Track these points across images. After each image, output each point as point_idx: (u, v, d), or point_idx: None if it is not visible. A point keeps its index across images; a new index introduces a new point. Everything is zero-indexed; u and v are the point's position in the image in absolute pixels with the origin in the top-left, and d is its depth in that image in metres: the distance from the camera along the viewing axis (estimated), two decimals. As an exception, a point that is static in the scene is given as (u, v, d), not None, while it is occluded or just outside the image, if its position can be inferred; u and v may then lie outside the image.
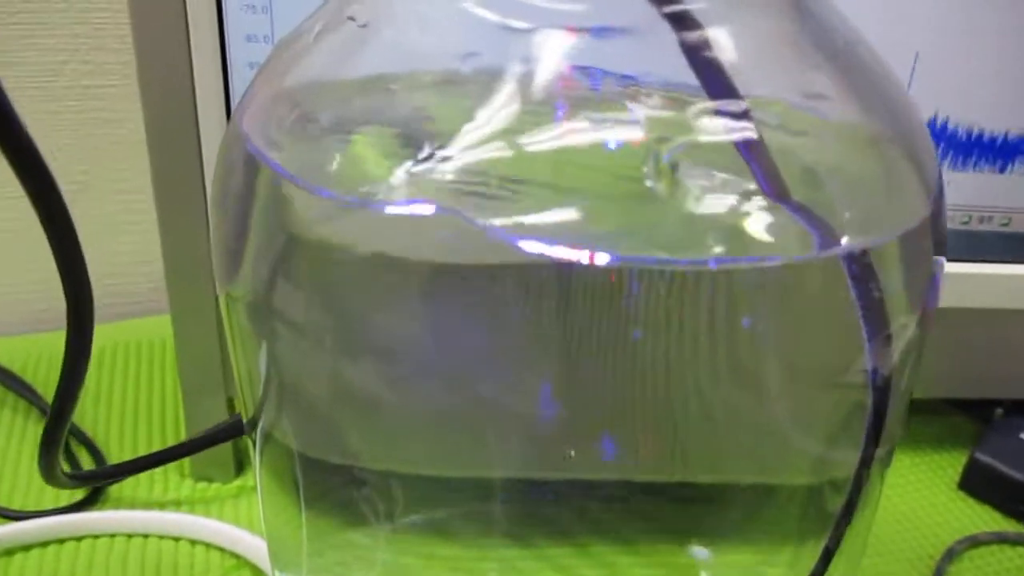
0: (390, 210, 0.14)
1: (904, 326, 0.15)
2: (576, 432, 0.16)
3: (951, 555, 0.33)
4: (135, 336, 0.42)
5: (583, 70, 0.15)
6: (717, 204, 0.14)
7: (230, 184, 0.16)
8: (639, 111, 0.14)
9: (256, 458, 0.21)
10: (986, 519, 0.36)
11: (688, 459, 0.16)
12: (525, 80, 0.15)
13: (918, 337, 0.15)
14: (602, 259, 0.13)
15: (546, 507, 0.18)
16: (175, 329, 0.32)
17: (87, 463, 0.34)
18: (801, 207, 0.14)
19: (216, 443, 0.30)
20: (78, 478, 0.27)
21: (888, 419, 0.16)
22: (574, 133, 0.15)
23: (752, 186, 0.14)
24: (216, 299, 0.32)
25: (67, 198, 0.17)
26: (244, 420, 0.21)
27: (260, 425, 0.20)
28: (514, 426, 0.16)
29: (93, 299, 0.18)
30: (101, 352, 0.41)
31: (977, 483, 0.36)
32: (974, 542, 0.34)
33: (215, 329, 0.32)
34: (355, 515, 0.19)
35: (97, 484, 0.32)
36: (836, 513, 0.17)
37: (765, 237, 0.14)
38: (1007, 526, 0.36)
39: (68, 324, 0.18)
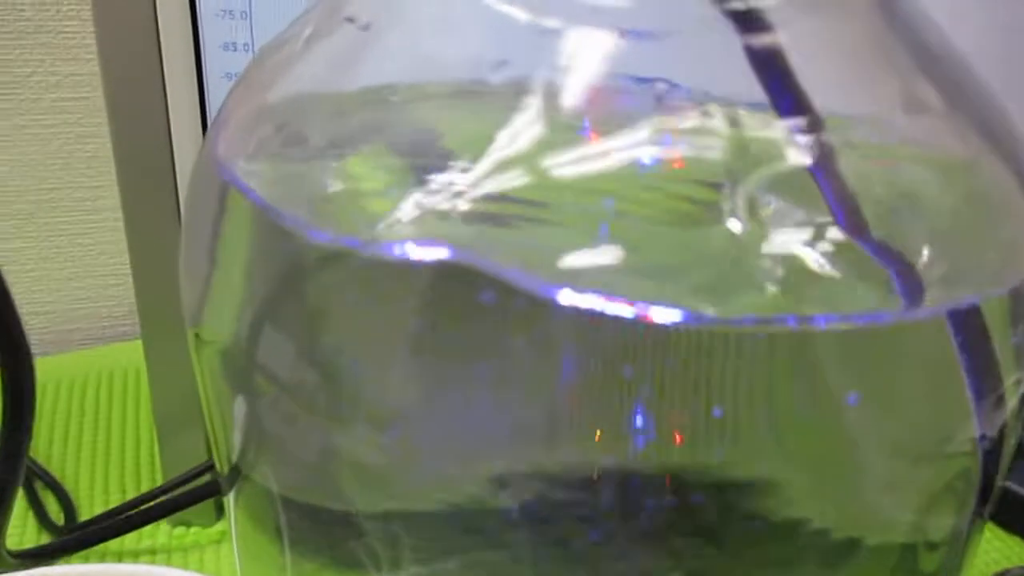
0: (396, 252, 0.12)
1: (1017, 383, 0.13)
2: (630, 497, 0.14)
3: (986, 593, 0.31)
4: (107, 364, 0.40)
5: (625, 80, 0.12)
6: (790, 245, 0.12)
7: (203, 215, 0.14)
8: (695, 131, 0.12)
9: (230, 501, 0.18)
10: (1019, 552, 0.34)
11: (760, 522, 0.14)
12: (556, 92, 0.12)
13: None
14: (666, 317, 0.11)
15: (573, 561, 0.16)
16: (148, 361, 0.30)
17: (55, 511, 0.32)
18: (889, 250, 0.12)
19: (200, 499, 0.27)
20: (25, 556, 0.24)
21: (996, 479, 0.14)
22: (614, 156, 0.13)
23: (830, 225, 0.12)
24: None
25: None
26: (216, 463, 0.19)
27: (235, 475, 0.17)
28: (541, 504, 0.14)
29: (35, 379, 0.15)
30: (71, 383, 0.38)
31: (1008, 515, 0.34)
32: (1007, 577, 0.32)
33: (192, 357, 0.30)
34: (352, 565, 0.17)
35: (51, 560, 0.29)
36: (929, 571, 0.15)
37: (852, 288, 0.12)
38: None
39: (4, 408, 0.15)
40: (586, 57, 0.12)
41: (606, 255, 0.12)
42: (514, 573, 0.16)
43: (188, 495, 0.27)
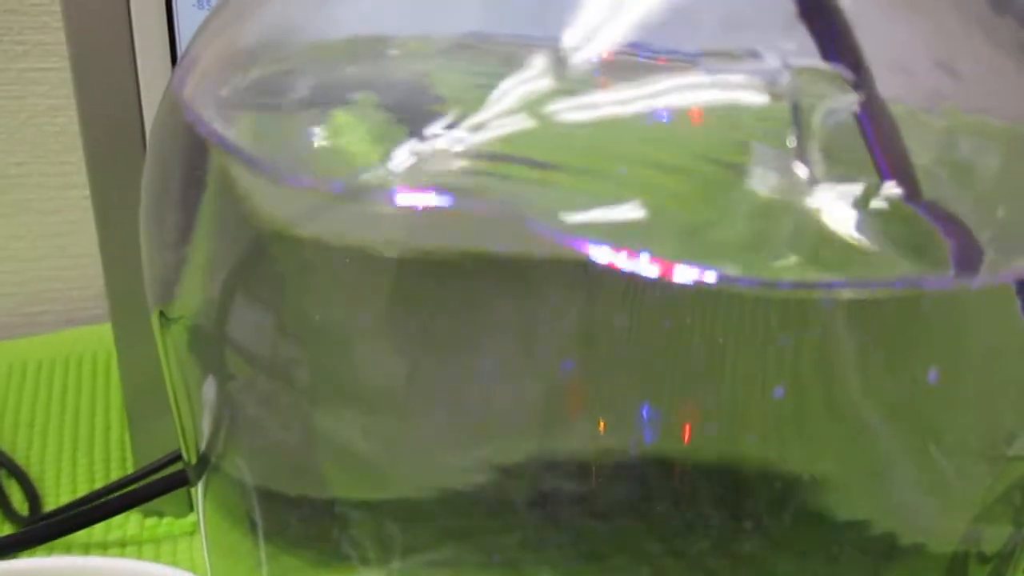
0: (396, 200, 0.10)
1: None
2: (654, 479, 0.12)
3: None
4: (76, 348, 0.38)
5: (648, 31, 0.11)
6: (836, 205, 0.10)
7: (167, 170, 0.12)
8: (723, 74, 0.11)
9: (199, 493, 0.17)
10: None
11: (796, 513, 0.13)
12: (570, 42, 0.11)
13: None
14: (701, 277, 0.10)
15: (570, 547, 0.14)
16: (118, 344, 0.28)
17: (19, 501, 0.30)
18: (943, 213, 0.11)
19: (172, 488, 0.26)
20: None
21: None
22: (628, 103, 0.11)
23: (879, 186, 0.10)
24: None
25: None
26: (184, 455, 0.17)
27: (205, 465, 0.16)
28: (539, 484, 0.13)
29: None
30: (38, 367, 0.37)
31: None
32: None
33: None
34: (336, 559, 0.15)
35: (14, 553, 0.27)
36: None
37: (902, 254, 0.10)
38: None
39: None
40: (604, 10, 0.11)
41: (620, 210, 0.10)
42: (510, 563, 0.15)
43: (159, 484, 0.25)
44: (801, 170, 0.10)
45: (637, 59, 0.11)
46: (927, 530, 0.13)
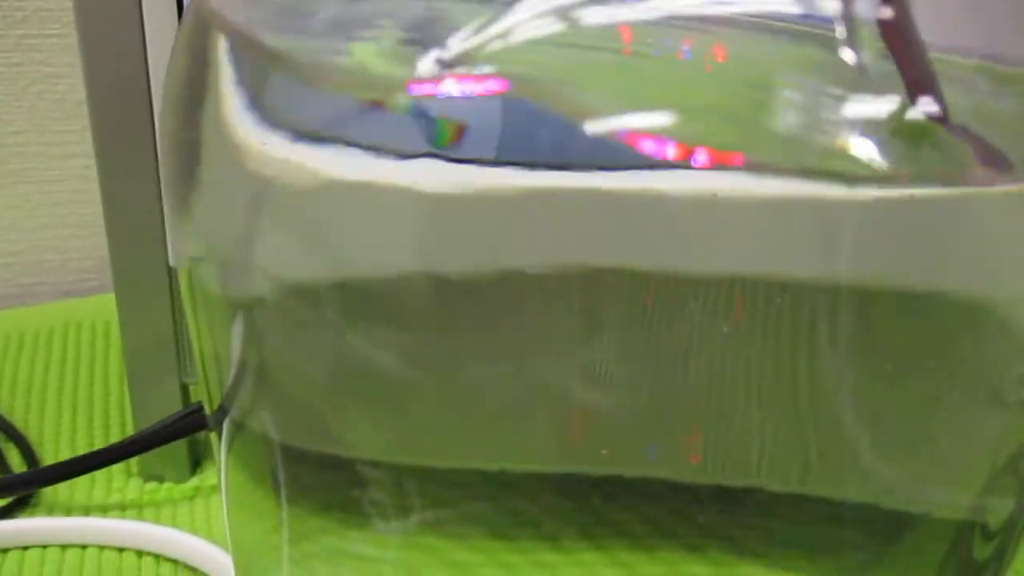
0: (446, 89, 0.10)
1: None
2: (649, 427, 0.12)
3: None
4: (75, 317, 0.38)
5: None
6: (868, 108, 0.10)
7: (193, 87, 0.12)
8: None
9: (222, 453, 0.17)
10: None
11: (797, 467, 0.13)
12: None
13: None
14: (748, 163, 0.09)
15: (590, 508, 0.14)
16: (119, 305, 0.28)
17: (18, 464, 0.30)
18: (969, 131, 0.11)
19: (171, 439, 0.25)
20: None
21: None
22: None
23: (910, 97, 0.10)
24: (168, 271, 0.28)
25: None
26: (208, 410, 0.17)
27: (230, 414, 0.16)
28: (555, 415, 0.13)
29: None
30: (36, 333, 0.36)
31: None
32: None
33: (167, 304, 0.28)
34: (355, 515, 0.15)
35: (16, 494, 0.27)
36: (982, 561, 0.14)
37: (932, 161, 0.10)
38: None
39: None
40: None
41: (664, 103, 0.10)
42: (533, 522, 0.14)
43: (160, 434, 0.25)
44: (849, 60, 0.10)
45: None
46: (932, 504, 0.13)
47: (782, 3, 0.11)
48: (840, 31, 0.10)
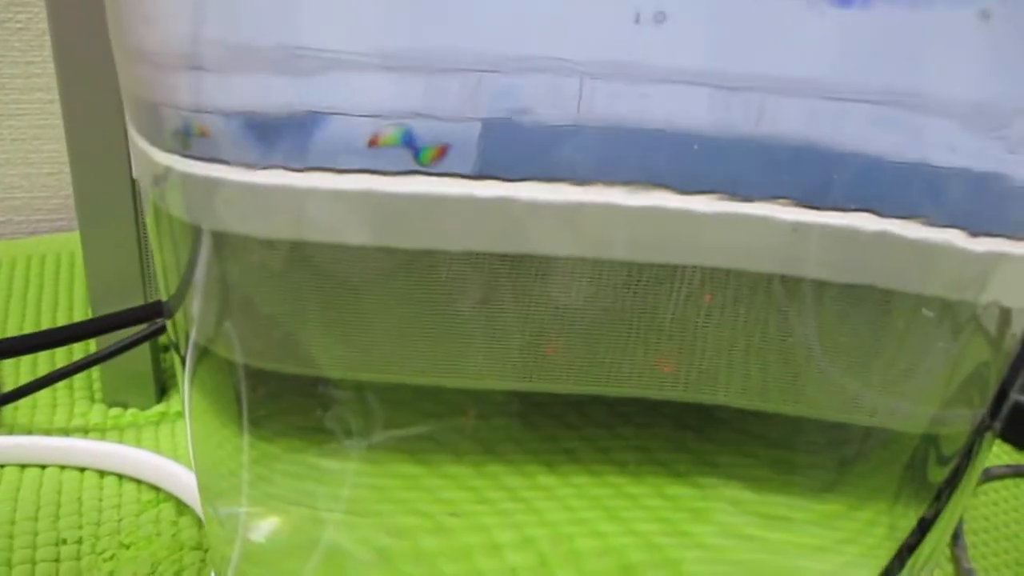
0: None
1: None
2: (601, 340, 0.12)
3: (969, 488, 0.30)
4: (38, 251, 0.37)
5: None
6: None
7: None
8: None
9: (186, 374, 0.16)
10: (998, 452, 0.33)
11: (755, 383, 0.13)
12: None
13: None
14: None
15: (553, 425, 0.14)
16: (83, 231, 0.27)
17: (-25, 385, 0.29)
18: None
19: (129, 348, 0.25)
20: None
21: (1011, 387, 0.12)
22: None
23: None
24: (133, 196, 0.27)
25: None
26: (170, 329, 0.16)
27: (192, 335, 0.15)
28: (519, 329, 0.12)
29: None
30: (-2, 267, 0.35)
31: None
32: (988, 476, 0.31)
33: (132, 232, 0.27)
34: (318, 434, 0.15)
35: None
36: (936, 483, 0.14)
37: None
38: (1020, 459, 0.33)
39: None
40: None
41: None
42: (497, 439, 0.14)
43: (116, 318, 0.24)
44: None
45: None
46: (891, 421, 0.13)
47: None
48: None
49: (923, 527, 0.15)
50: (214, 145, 0.12)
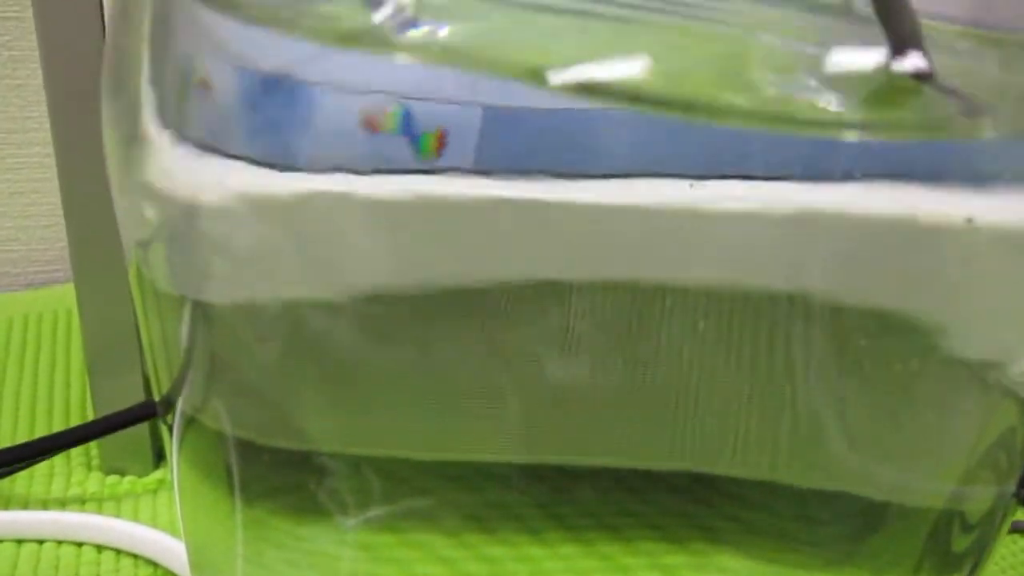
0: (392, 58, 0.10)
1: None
2: (609, 412, 0.12)
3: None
4: (35, 307, 0.37)
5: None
6: (850, 62, 0.10)
7: (134, 27, 0.11)
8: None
9: (173, 445, 0.16)
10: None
11: (771, 455, 0.12)
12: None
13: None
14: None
15: (555, 496, 0.14)
16: (79, 294, 0.27)
17: (-28, 453, 0.29)
18: (953, 90, 0.10)
19: (129, 424, 0.25)
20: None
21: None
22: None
23: (896, 52, 0.10)
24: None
25: None
26: (157, 399, 0.16)
27: (179, 405, 0.15)
28: (516, 404, 0.12)
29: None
30: (-6, 326, 0.35)
31: None
32: (985, 535, 0.32)
33: (128, 294, 0.27)
34: (311, 509, 0.15)
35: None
36: (961, 553, 0.13)
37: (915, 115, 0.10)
38: (1018, 515, 0.33)
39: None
40: None
41: (619, 65, 0.10)
42: (487, 517, 0.14)
43: (115, 419, 0.24)
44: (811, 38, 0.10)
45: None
46: (909, 494, 0.13)
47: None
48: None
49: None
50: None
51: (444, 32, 0.10)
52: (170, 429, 0.16)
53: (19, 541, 0.26)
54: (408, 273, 0.11)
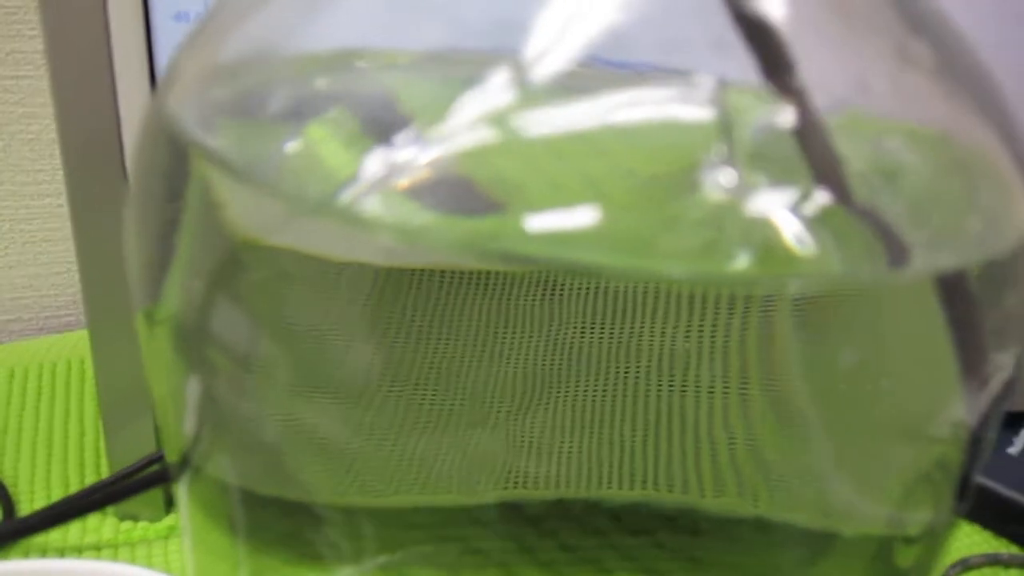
0: (362, 212, 0.11)
1: (1000, 366, 0.12)
2: (583, 459, 0.13)
3: (946, 582, 0.31)
4: (50, 355, 0.38)
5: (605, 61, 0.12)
6: (770, 210, 0.11)
7: (152, 177, 0.13)
8: (674, 98, 0.12)
9: (182, 494, 0.17)
10: (977, 540, 0.34)
11: (729, 492, 0.13)
12: (532, 57, 0.12)
13: (1014, 377, 0.13)
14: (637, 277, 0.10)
15: (544, 537, 0.15)
16: (93, 346, 0.28)
17: (-8, 503, 0.30)
18: (874, 216, 0.12)
19: (147, 487, 0.26)
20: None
21: (975, 472, 0.13)
22: (585, 119, 0.12)
23: (814, 190, 0.11)
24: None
25: None
26: (166, 452, 0.18)
27: (188, 465, 0.16)
28: (504, 463, 0.13)
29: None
30: (11, 373, 0.37)
31: (975, 507, 0.35)
32: (965, 566, 0.33)
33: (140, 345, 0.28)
34: (314, 557, 0.16)
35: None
36: (907, 567, 0.14)
37: (835, 255, 0.11)
38: (999, 547, 0.34)
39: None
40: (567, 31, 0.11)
41: (575, 220, 0.11)
42: (488, 563, 0.15)
43: (132, 484, 0.26)
44: (732, 178, 0.11)
45: (592, 70, 0.12)
46: (850, 517, 0.14)
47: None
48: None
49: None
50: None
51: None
52: (179, 480, 0.17)
53: (39, 589, 0.27)
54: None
